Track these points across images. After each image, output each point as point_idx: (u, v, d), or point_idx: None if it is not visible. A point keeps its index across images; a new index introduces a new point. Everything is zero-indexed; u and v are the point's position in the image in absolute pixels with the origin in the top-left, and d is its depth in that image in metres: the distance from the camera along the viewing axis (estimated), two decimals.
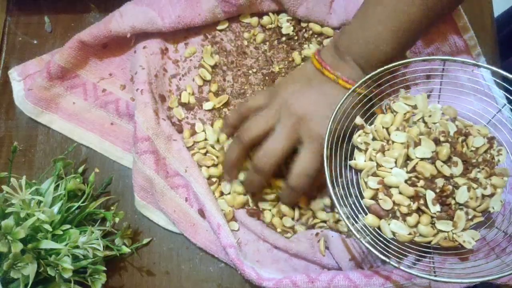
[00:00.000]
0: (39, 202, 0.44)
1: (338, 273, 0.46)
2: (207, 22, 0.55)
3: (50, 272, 0.41)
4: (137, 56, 0.54)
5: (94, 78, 0.56)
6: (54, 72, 0.53)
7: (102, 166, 0.54)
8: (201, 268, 0.51)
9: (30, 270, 0.40)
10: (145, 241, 0.51)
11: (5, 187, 0.42)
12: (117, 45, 0.56)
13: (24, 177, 0.44)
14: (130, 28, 0.53)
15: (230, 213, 0.50)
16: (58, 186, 0.48)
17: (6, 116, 0.56)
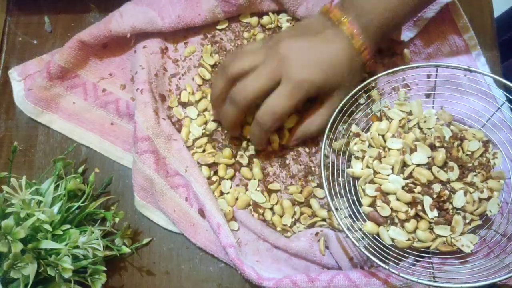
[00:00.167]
0: (39, 202, 0.44)
1: (338, 272, 0.46)
2: (207, 22, 0.55)
3: (50, 272, 0.41)
4: (137, 56, 0.54)
5: (94, 78, 0.56)
6: (54, 72, 0.53)
7: (102, 166, 0.54)
8: (201, 268, 0.51)
9: (30, 270, 0.40)
10: (145, 241, 0.51)
11: (5, 187, 0.42)
12: (117, 45, 0.56)
13: (24, 177, 0.44)
14: (130, 28, 0.53)
15: (230, 213, 0.50)
16: (58, 186, 0.48)
17: (6, 116, 0.56)
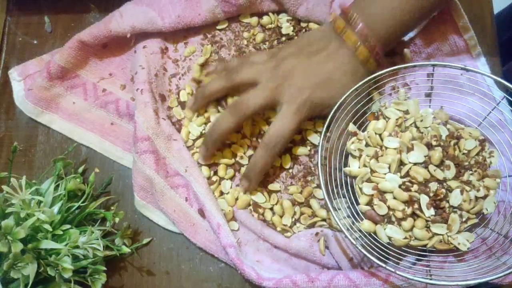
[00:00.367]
0: (39, 202, 0.44)
1: (338, 272, 0.46)
2: (207, 22, 0.55)
3: (50, 272, 0.41)
4: (137, 56, 0.54)
5: (94, 78, 0.56)
6: (54, 72, 0.53)
7: (102, 166, 0.54)
8: (201, 268, 0.51)
9: (30, 270, 0.40)
10: (145, 241, 0.51)
11: (5, 187, 0.42)
12: (117, 45, 0.56)
13: (24, 177, 0.44)
14: (130, 28, 0.53)
15: (230, 213, 0.50)
16: (58, 186, 0.48)
17: (6, 116, 0.56)
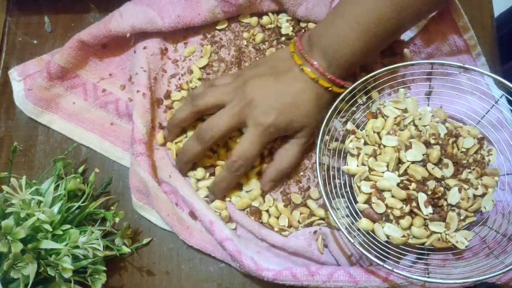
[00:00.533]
0: (39, 202, 0.44)
1: (339, 268, 0.46)
2: (207, 22, 0.55)
3: (50, 272, 0.41)
4: (137, 56, 0.54)
5: (94, 78, 0.56)
6: (54, 72, 0.53)
7: (102, 166, 0.54)
8: (201, 268, 0.51)
9: (30, 270, 0.40)
10: (145, 241, 0.51)
11: (5, 187, 0.42)
12: (117, 45, 0.56)
13: (24, 177, 0.44)
14: (130, 28, 0.53)
15: (226, 217, 0.50)
16: (58, 186, 0.48)
17: (6, 116, 0.56)
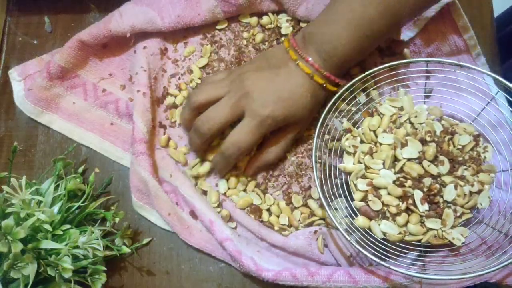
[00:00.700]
0: (39, 202, 0.44)
1: (339, 268, 0.46)
2: (207, 22, 0.55)
3: (50, 272, 0.41)
4: (137, 56, 0.54)
5: (94, 78, 0.56)
6: (54, 72, 0.53)
7: (102, 166, 0.54)
8: (201, 268, 0.51)
9: (30, 270, 0.40)
10: (145, 241, 0.51)
11: (5, 187, 0.42)
12: (117, 45, 0.56)
13: (24, 177, 0.44)
14: (129, 27, 0.53)
15: (227, 216, 0.50)
16: (58, 186, 0.48)
17: (6, 116, 0.56)
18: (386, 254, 0.44)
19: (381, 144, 0.46)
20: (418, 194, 0.43)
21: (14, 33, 0.59)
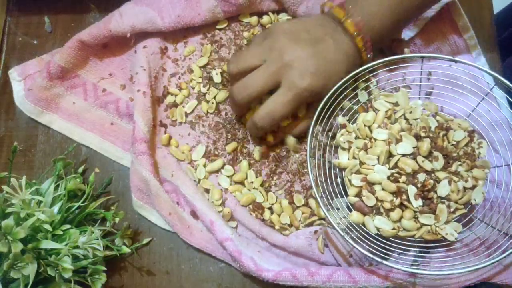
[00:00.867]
0: (39, 202, 0.44)
1: (338, 268, 0.46)
2: (207, 22, 0.55)
3: (50, 272, 0.41)
4: (137, 56, 0.54)
5: (94, 78, 0.56)
6: (54, 72, 0.53)
7: (102, 166, 0.54)
8: (201, 268, 0.51)
9: (30, 270, 0.40)
10: (145, 241, 0.51)
11: (5, 187, 0.42)
12: (117, 45, 0.56)
13: (24, 177, 0.44)
14: (130, 27, 0.53)
15: (228, 214, 0.50)
16: (58, 186, 0.48)
17: (6, 116, 0.56)
18: (385, 252, 0.44)
19: (375, 139, 0.46)
20: (412, 190, 0.43)
21: (14, 33, 0.59)
